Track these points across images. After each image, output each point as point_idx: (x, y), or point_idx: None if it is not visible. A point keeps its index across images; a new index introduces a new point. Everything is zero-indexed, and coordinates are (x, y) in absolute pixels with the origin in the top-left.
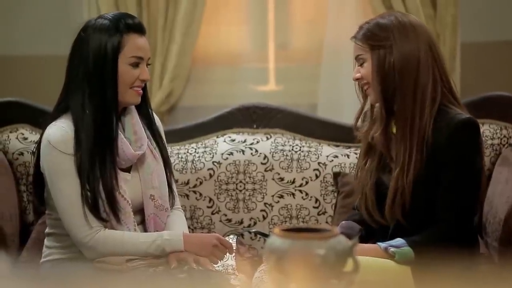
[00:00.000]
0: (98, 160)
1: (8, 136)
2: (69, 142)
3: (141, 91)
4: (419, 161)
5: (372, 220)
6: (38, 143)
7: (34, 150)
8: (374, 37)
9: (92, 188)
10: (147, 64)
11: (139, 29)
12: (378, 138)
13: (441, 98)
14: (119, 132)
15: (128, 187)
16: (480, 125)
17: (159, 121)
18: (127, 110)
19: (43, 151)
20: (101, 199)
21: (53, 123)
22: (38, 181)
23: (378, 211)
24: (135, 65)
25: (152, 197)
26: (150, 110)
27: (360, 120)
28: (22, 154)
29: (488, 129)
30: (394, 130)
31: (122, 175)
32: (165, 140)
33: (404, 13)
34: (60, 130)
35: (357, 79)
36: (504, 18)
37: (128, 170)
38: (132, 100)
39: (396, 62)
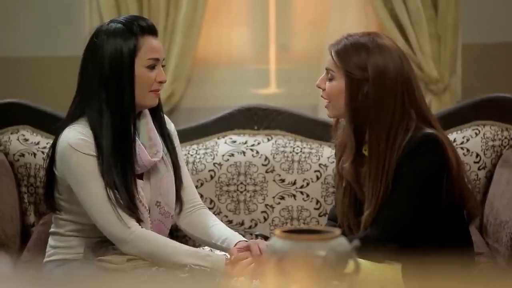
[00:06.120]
0: (119, 166)
1: (9, 138)
2: (90, 144)
3: (159, 92)
4: (386, 193)
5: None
6: (53, 145)
7: (48, 153)
8: (350, 63)
9: (117, 192)
10: (162, 66)
11: (153, 31)
12: (347, 169)
13: (410, 127)
14: (135, 137)
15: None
16: (481, 127)
17: (172, 125)
18: (141, 115)
19: (63, 155)
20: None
21: (69, 127)
22: (50, 180)
23: (357, 226)
24: (152, 67)
25: (158, 204)
26: (162, 113)
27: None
28: (23, 155)
29: (489, 131)
30: (365, 152)
31: (137, 182)
32: (177, 143)
33: (384, 37)
34: (79, 133)
35: (319, 87)
36: (506, 19)
37: (140, 176)
38: (151, 102)
39: (371, 96)
